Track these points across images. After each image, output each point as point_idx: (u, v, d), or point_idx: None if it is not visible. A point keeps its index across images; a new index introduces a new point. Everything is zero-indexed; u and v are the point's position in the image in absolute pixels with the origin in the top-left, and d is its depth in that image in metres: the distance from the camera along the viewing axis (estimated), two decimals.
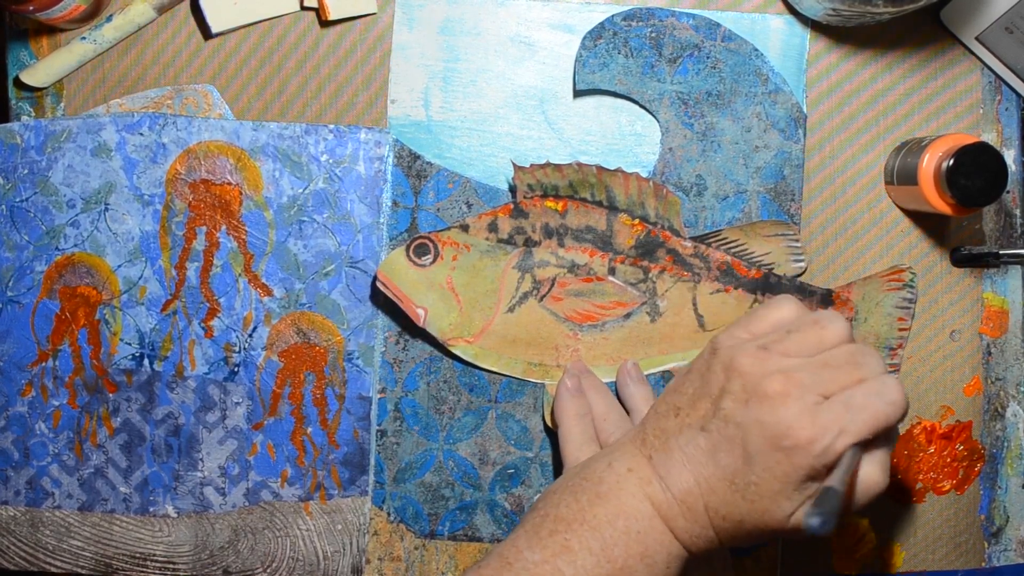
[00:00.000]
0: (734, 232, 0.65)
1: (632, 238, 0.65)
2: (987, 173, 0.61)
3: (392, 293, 0.64)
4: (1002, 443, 0.69)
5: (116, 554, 0.66)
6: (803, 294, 0.66)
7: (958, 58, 0.68)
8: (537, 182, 0.64)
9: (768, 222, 0.65)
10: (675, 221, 0.65)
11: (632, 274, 0.65)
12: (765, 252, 0.66)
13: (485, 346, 0.65)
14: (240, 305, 0.66)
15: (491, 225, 0.65)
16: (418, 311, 0.64)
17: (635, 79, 0.66)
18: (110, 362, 0.66)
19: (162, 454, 0.66)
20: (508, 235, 0.65)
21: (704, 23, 0.66)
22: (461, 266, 0.64)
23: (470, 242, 0.65)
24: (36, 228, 0.66)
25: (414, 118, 0.67)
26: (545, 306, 0.65)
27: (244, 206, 0.65)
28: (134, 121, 0.65)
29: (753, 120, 0.66)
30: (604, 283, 0.65)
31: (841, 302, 0.66)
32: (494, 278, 0.65)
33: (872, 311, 0.66)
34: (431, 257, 0.64)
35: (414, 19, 0.66)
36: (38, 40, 0.67)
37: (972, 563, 0.69)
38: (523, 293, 0.65)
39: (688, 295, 0.65)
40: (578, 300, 0.65)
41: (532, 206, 0.65)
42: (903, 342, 0.66)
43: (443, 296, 0.64)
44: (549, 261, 0.65)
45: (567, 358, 0.65)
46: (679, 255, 0.65)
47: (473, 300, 0.65)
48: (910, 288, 0.66)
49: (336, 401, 0.66)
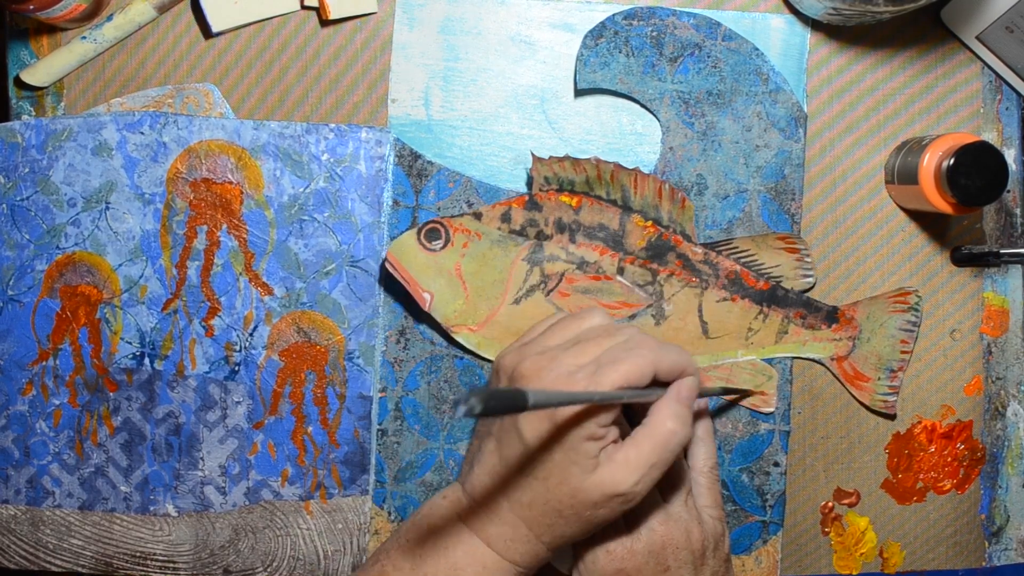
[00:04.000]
0: (745, 242, 0.65)
1: (643, 239, 0.65)
2: (987, 172, 0.61)
3: (400, 275, 0.64)
4: (1003, 442, 0.69)
5: (116, 553, 0.66)
6: (809, 309, 0.66)
7: (958, 57, 0.68)
8: (554, 175, 0.64)
9: (781, 235, 0.65)
10: (687, 226, 0.65)
11: (640, 275, 0.65)
12: (775, 264, 0.65)
13: (488, 335, 0.65)
14: (241, 304, 0.66)
15: (504, 215, 0.65)
16: (424, 295, 0.64)
17: (636, 78, 0.66)
18: (111, 361, 0.66)
19: (163, 453, 0.66)
20: (520, 227, 0.65)
21: (705, 22, 0.66)
22: (471, 254, 0.64)
23: (482, 230, 0.64)
24: (37, 227, 0.66)
25: (414, 117, 0.67)
26: (551, 300, 0.65)
27: (245, 205, 0.65)
28: (135, 120, 0.65)
29: (754, 119, 0.66)
30: (612, 282, 0.65)
31: (846, 320, 0.66)
32: (503, 268, 0.65)
33: (876, 332, 0.66)
34: (442, 242, 0.64)
35: (414, 18, 0.66)
36: (38, 39, 0.67)
37: (972, 563, 0.69)
38: (530, 286, 0.65)
39: (694, 301, 0.65)
40: (585, 297, 0.65)
41: (547, 199, 0.65)
42: (904, 364, 0.66)
43: (450, 282, 0.64)
44: (559, 256, 0.65)
45: None
46: (689, 260, 0.65)
47: (480, 289, 0.65)
48: (915, 312, 0.66)
49: (337, 400, 0.66)
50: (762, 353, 0.66)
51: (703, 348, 0.66)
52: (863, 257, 0.68)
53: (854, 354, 0.66)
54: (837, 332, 0.66)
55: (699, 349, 0.66)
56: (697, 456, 0.63)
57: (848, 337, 0.66)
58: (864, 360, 0.66)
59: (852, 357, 0.66)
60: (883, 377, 0.66)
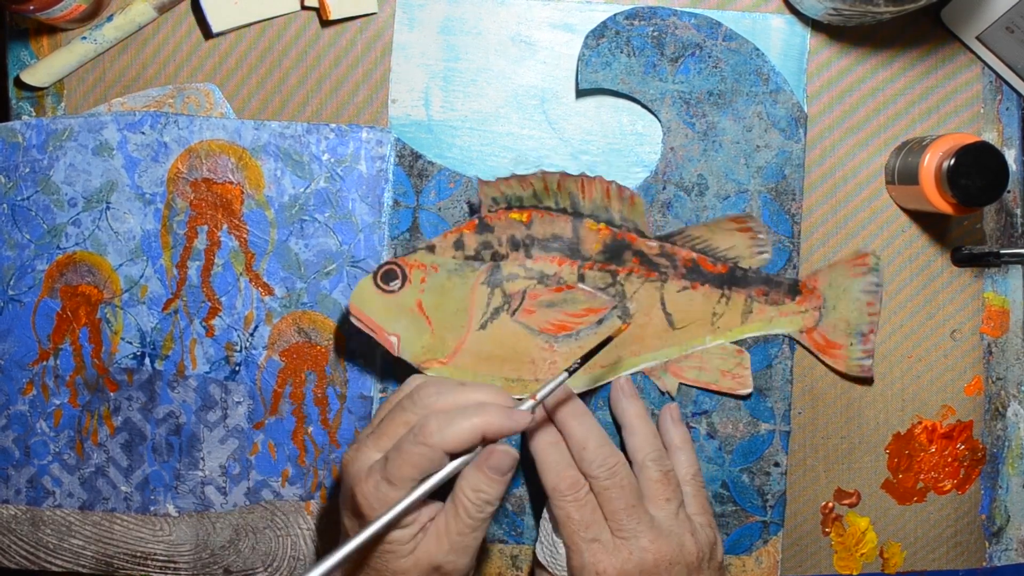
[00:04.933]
0: (698, 229, 0.65)
1: (599, 243, 0.65)
2: (988, 173, 0.61)
3: (364, 325, 0.63)
4: (1003, 443, 0.69)
5: (117, 553, 0.66)
6: (770, 286, 0.66)
7: (959, 58, 0.68)
8: (501, 195, 0.64)
9: (730, 216, 0.65)
10: (640, 222, 0.65)
11: (601, 279, 0.65)
12: (729, 246, 0.65)
13: (459, 366, 0.64)
14: (241, 304, 0.66)
15: (457, 243, 0.64)
16: (391, 339, 0.63)
17: (637, 78, 0.66)
18: (111, 361, 0.66)
19: (163, 453, 0.66)
20: (475, 251, 0.64)
21: (705, 22, 0.66)
22: (430, 287, 0.64)
23: (437, 262, 0.64)
24: (37, 227, 0.66)
25: (414, 117, 0.67)
26: (518, 320, 0.64)
27: (245, 205, 0.65)
28: (135, 120, 0.65)
29: (754, 119, 0.66)
30: (575, 291, 0.64)
31: (808, 291, 0.66)
32: (463, 296, 0.64)
33: (840, 298, 0.66)
34: (399, 282, 0.63)
35: (414, 18, 0.66)
36: (39, 40, 0.67)
37: (973, 563, 0.69)
38: (494, 309, 0.64)
39: (656, 295, 0.65)
40: (550, 311, 0.64)
41: (497, 219, 0.64)
42: (874, 327, 0.66)
43: (414, 320, 0.63)
44: (518, 274, 0.64)
45: (544, 371, 0.65)
46: (645, 255, 0.65)
47: (444, 320, 0.64)
48: (876, 272, 0.66)
49: (337, 400, 0.66)
50: (730, 336, 0.66)
51: (671, 340, 0.65)
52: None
53: (822, 324, 0.66)
54: (802, 304, 0.66)
55: (667, 341, 0.65)
56: (679, 465, 0.63)
57: (813, 308, 0.66)
58: (833, 328, 0.66)
59: (821, 327, 0.66)
60: (855, 342, 0.66)
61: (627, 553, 0.58)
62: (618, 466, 0.60)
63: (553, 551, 0.61)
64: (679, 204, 0.66)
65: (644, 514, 0.59)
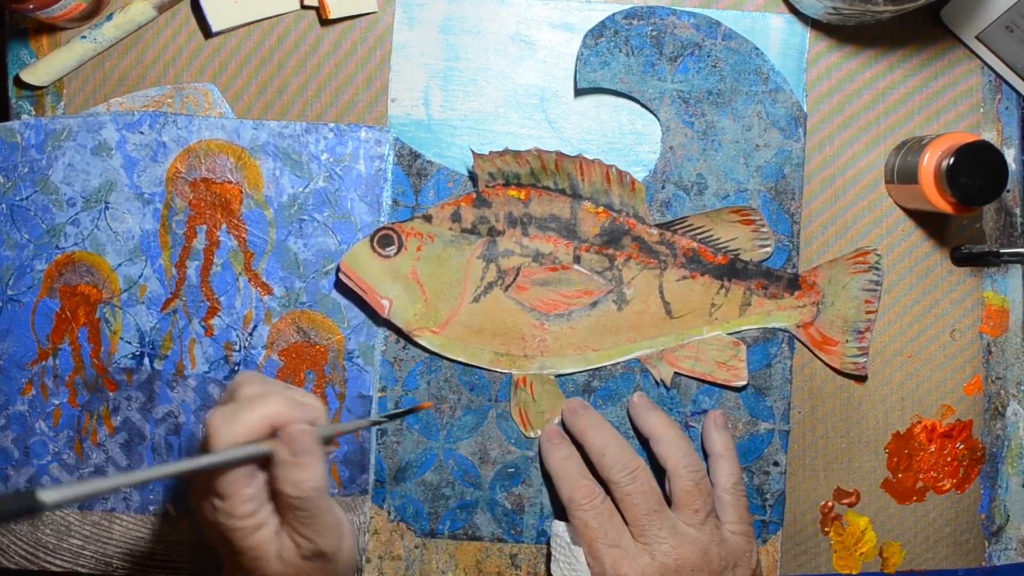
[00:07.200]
0: (700, 219, 0.65)
1: (597, 226, 0.65)
2: (987, 172, 0.61)
3: (355, 284, 0.64)
4: (1003, 442, 0.69)
5: (116, 553, 0.66)
6: (769, 279, 0.66)
7: (958, 57, 0.68)
8: (498, 170, 0.64)
9: (734, 207, 0.65)
10: (640, 208, 0.65)
11: (598, 262, 0.65)
12: (731, 238, 0.66)
13: (451, 336, 0.65)
14: (240, 304, 0.66)
15: (454, 215, 0.65)
16: (383, 302, 0.64)
17: (636, 78, 0.66)
18: (110, 361, 0.66)
19: (162, 453, 0.66)
20: (472, 225, 0.65)
21: (705, 22, 0.66)
22: (425, 256, 0.64)
23: (434, 232, 0.64)
24: (36, 227, 0.66)
25: (414, 117, 0.67)
26: (511, 296, 0.65)
27: (244, 205, 0.65)
28: (134, 120, 0.65)
29: (754, 119, 0.66)
30: (569, 272, 0.65)
31: (807, 286, 0.66)
32: (459, 268, 0.65)
33: (839, 294, 0.66)
34: (395, 248, 0.64)
35: (414, 18, 0.66)
36: (38, 39, 0.67)
37: (972, 562, 0.69)
38: (488, 283, 0.65)
39: (654, 282, 0.65)
40: (544, 289, 0.65)
41: (495, 195, 0.65)
42: (871, 324, 0.66)
43: (408, 287, 0.64)
44: (514, 251, 0.65)
45: (534, 347, 0.65)
46: (644, 242, 0.65)
47: (438, 290, 0.65)
48: (876, 270, 0.66)
49: (336, 400, 0.66)
50: (727, 327, 0.66)
51: (668, 328, 0.66)
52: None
53: (819, 319, 0.66)
54: (800, 299, 0.66)
55: (664, 330, 0.66)
56: (719, 473, 0.63)
57: (812, 303, 0.66)
58: (830, 324, 0.66)
59: (818, 322, 0.66)
60: (851, 339, 0.66)
61: (648, 558, 0.58)
62: (639, 470, 0.60)
63: (572, 562, 0.61)
64: (678, 203, 0.66)
65: (666, 519, 0.59)
